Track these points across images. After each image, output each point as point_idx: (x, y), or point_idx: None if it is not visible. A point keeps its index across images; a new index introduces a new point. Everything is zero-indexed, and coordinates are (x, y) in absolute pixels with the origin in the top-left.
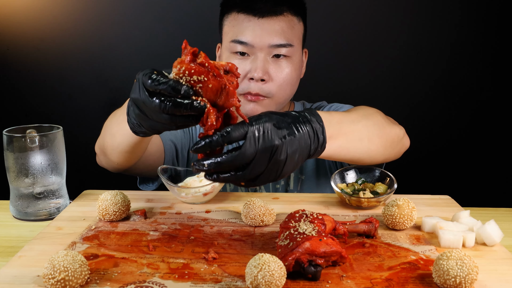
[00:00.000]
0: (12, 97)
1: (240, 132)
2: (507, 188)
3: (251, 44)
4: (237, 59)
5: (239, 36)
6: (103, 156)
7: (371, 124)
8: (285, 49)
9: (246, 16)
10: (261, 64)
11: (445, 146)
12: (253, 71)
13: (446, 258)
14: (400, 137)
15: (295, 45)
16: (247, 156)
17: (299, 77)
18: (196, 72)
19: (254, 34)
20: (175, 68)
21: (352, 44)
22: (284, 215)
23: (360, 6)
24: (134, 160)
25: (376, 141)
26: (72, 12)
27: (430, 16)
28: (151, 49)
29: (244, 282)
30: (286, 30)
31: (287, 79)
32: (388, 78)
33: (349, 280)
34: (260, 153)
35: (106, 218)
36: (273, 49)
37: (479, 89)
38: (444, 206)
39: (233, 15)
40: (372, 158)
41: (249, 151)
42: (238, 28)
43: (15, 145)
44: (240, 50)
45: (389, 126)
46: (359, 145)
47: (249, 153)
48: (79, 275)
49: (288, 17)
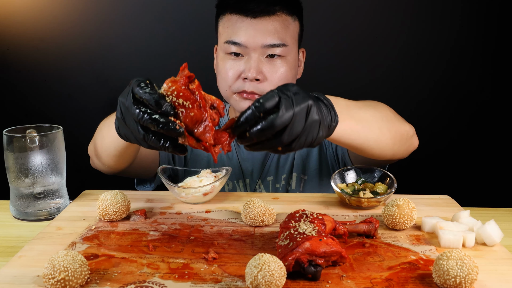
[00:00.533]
0: (12, 97)
1: (273, 98)
2: (507, 188)
3: (245, 45)
4: (231, 60)
5: (233, 37)
6: (95, 158)
7: (380, 115)
8: (279, 49)
9: (239, 17)
10: (254, 64)
11: (445, 146)
12: (247, 71)
13: (446, 258)
14: (409, 135)
15: (289, 44)
16: (286, 117)
17: (296, 77)
18: (184, 97)
19: (248, 35)
20: (165, 85)
21: (352, 45)
22: (284, 215)
23: (360, 6)
24: (125, 164)
25: (386, 132)
26: (72, 12)
27: (430, 16)
28: (151, 49)
29: (244, 282)
30: (280, 30)
31: (282, 79)
32: (388, 79)
33: (349, 280)
34: (297, 113)
35: (106, 218)
36: (267, 49)
37: (479, 90)
38: (444, 206)
39: (227, 16)
40: (381, 150)
41: (287, 112)
42: (232, 29)
43: (15, 145)
44: (234, 51)
45: (399, 121)
46: (368, 132)
47: (288, 114)
48: (79, 275)
49: (282, 17)
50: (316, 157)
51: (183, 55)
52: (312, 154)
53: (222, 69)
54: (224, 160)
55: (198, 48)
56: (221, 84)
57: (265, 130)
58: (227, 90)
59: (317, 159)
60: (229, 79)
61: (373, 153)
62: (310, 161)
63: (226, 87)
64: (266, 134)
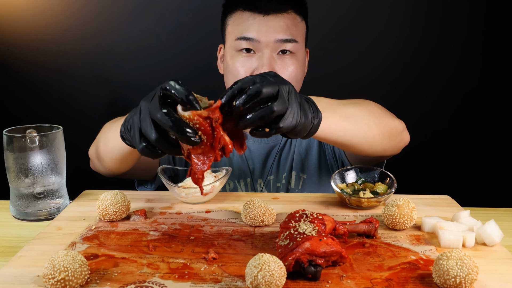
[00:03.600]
0: (12, 97)
1: (250, 80)
2: (507, 188)
3: (257, 40)
4: (242, 57)
5: (245, 33)
6: (96, 161)
7: (366, 111)
8: (291, 45)
9: (251, 14)
10: (267, 61)
11: (445, 146)
12: (260, 68)
13: (446, 258)
14: (399, 130)
15: (300, 41)
16: (270, 88)
17: (303, 75)
18: (202, 130)
19: (260, 30)
20: (189, 112)
21: (351, 45)
22: (284, 215)
23: (360, 6)
24: (127, 168)
25: (373, 127)
26: (72, 12)
27: (430, 16)
28: (151, 49)
29: (244, 282)
30: (291, 27)
31: (292, 76)
32: (388, 79)
33: (349, 280)
34: (281, 88)
35: (106, 218)
36: (279, 44)
37: (479, 90)
38: (444, 206)
39: (237, 14)
40: (370, 146)
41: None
42: (243, 25)
43: (15, 145)
44: (246, 46)
45: (387, 116)
46: (355, 127)
47: (272, 85)
48: (79, 275)
49: (292, 15)
50: (315, 155)
51: (183, 55)
52: (311, 153)
53: (233, 66)
54: (225, 159)
55: (198, 48)
56: (231, 82)
57: (252, 95)
58: None
59: (316, 157)
60: (240, 76)
61: (362, 149)
62: (309, 159)
63: None
64: (255, 102)
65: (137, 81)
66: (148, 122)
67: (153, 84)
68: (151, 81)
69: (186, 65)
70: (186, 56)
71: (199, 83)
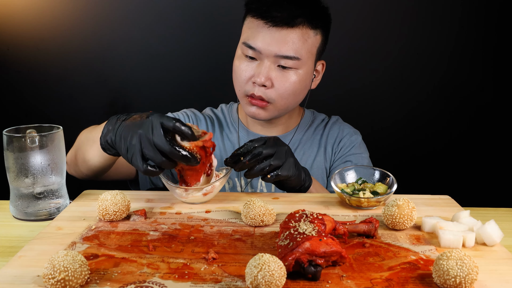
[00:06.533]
0: (12, 97)
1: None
2: (507, 188)
3: (259, 51)
4: (246, 61)
5: (250, 41)
6: (72, 166)
7: None
8: (291, 62)
9: (260, 22)
10: (265, 71)
11: (445, 146)
12: (256, 76)
13: (446, 258)
14: None
15: (303, 58)
16: (269, 149)
17: (307, 88)
18: None
19: (264, 42)
20: (189, 144)
21: (351, 45)
22: (284, 215)
23: (360, 7)
24: (102, 174)
25: None
26: (72, 12)
27: (431, 17)
28: (151, 49)
29: (244, 282)
30: (296, 42)
31: (290, 89)
32: (388, 79)
33: (349, 280)
34: (278, 150)
35: (106, 218)
36: (279, 59)
37: (479, 90)
38: (444, 206)
39: (250, 18)
40: None
41: (271, 147)
42: (251, 32)
43: (15, 145)
44: (249, 54)
45: None
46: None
47: (271, 147)
48: (79, 275)
49: (302, 30)
50: (311, 160)
51: (183, 55)
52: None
53: (238, 68)
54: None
55: (198, 48)
56: (235, 83)
57: (255, 155)
58: (240, 90)
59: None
60: (241, 80)
61: None
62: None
63: (239, 87)
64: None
65: (137, 81)
66: (152, 150)
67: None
68: (151, 81)
69: (186, 65)
70: (186, 56)
71: (199, 83)
